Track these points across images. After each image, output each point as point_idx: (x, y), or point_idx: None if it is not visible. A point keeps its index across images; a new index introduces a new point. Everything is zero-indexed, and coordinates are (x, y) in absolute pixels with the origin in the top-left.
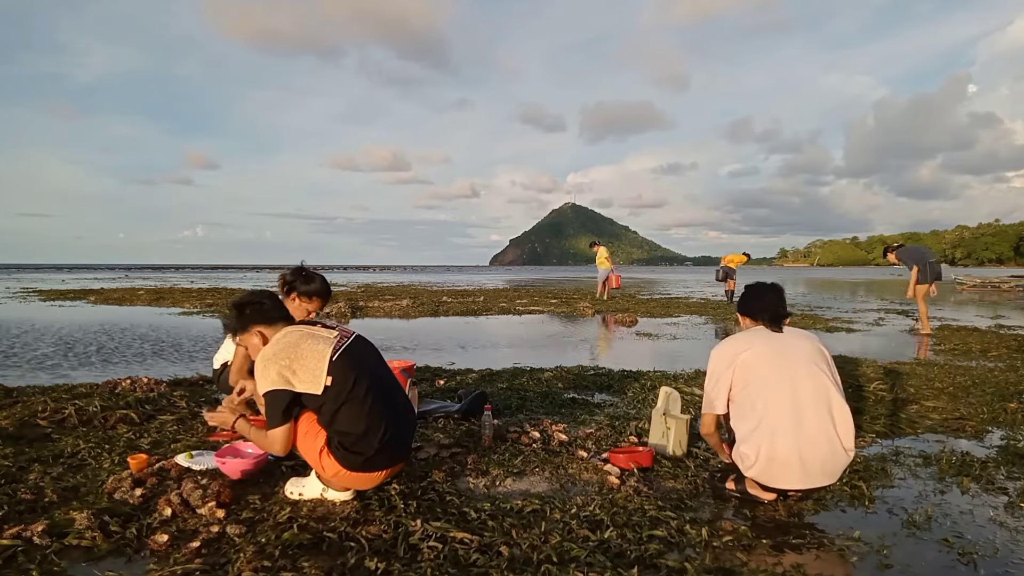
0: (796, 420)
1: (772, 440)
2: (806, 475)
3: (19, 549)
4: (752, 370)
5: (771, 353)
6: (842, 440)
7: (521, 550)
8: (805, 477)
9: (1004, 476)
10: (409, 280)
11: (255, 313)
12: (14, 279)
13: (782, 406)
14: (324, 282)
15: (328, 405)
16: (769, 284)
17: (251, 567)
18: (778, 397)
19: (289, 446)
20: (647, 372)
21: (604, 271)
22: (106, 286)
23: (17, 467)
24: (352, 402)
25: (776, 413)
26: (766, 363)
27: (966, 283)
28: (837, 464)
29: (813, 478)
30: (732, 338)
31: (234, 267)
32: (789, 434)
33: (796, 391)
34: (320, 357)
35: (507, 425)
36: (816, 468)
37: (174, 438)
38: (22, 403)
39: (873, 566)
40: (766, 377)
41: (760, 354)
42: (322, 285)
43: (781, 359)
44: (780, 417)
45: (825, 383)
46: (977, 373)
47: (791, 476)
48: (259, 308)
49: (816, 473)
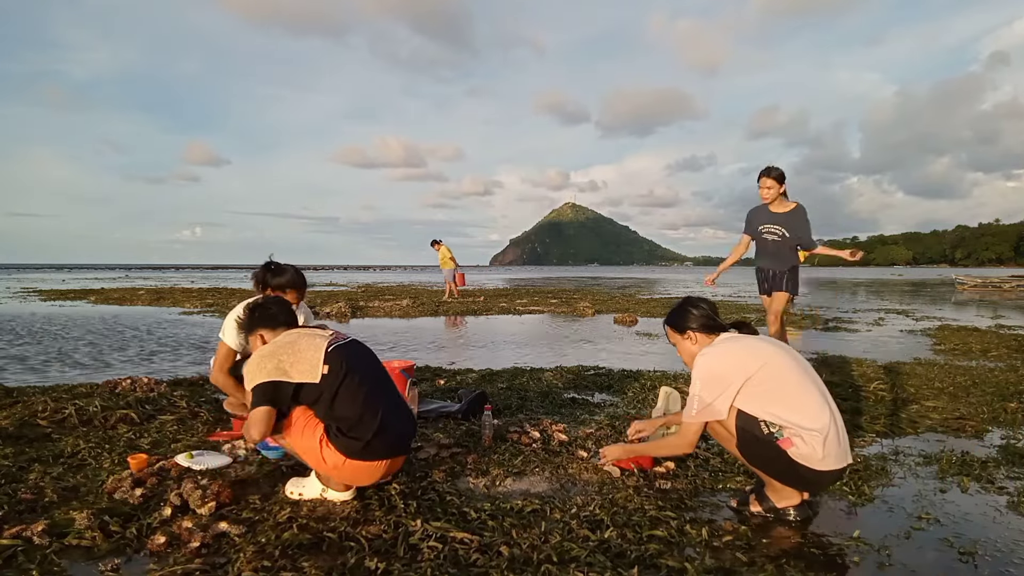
0: (827, 397)
1: (833, 417)
2: (846, 452)
3: (19, 549)
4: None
5: (780, 350)
6: None
7: (521, 550)
8: (847, 454)
9: (1004, 476)
10: (409, 280)
11: (262, 317)
12: (14, 279)
13: (814, 387)
14: (296, 273)
15: (326, 394)
16: (693, 298)
17: (251, 567)
18: (804, 380)
19: (269, 430)
20: (647, 372)
21: (449, 271)
22: (106, 286)
23: (17, 467)
24: (348, 388)
25: (816, 394)
26: (783, 359)
27: (966, 283)
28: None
29: (848, 455)
30: (735, 346)
31: (234, 267)
32: (832, 409)
33: (813, 375)
34: (316, 348)
35: (507, 425)
36: (847, 444)
37: (174, 438)
38: (22, 403)
39: (873, 566)
40: (788, 367)
41: (775, 353)
42: (293, 276)
43: (790, 353)
44: (822, 396)
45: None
46: (977, 373)
47: (844, 452)
48: (266, 312)
49: (848, 449)
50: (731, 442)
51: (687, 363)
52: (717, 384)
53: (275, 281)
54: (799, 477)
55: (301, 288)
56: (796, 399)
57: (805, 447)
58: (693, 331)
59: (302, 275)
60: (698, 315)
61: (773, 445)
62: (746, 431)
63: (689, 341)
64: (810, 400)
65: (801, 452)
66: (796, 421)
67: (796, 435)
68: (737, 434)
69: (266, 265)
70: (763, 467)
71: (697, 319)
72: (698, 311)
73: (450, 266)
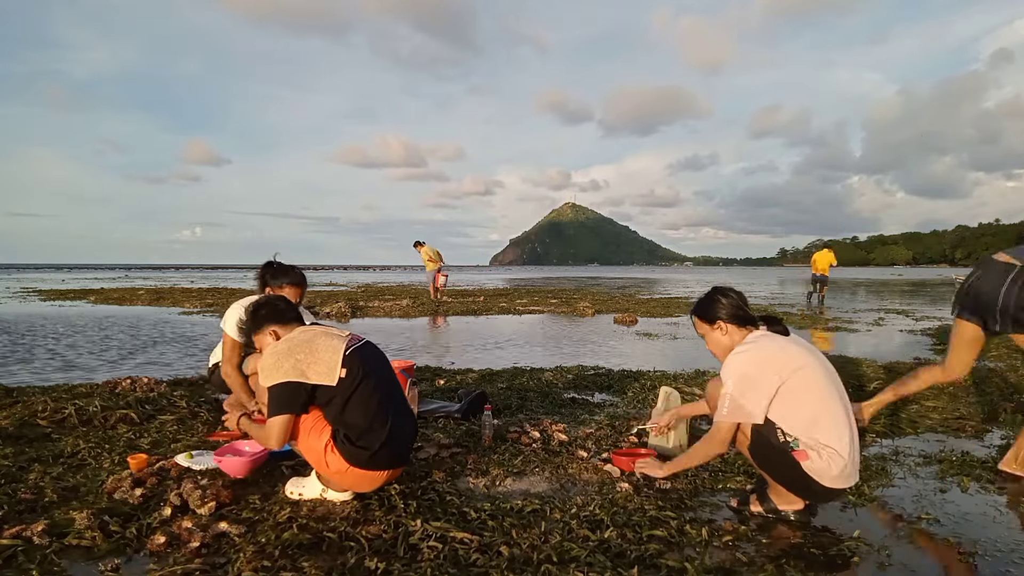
0: (850, 414)
1: (852, 437)
2: (857, 471)
3: (19, 549)
4: (812, 379)
5: (815, 357)
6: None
7: (521, 550)
8: (857, 473)
9: (1004, 476)
10: (409, 280)
11: (270, 313)
12: (14, 279)
13: (840, 404)
14: (297, 272)
15: (339, 398)
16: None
17: (251, 567)
18: (833, 395)
19: (286, 438)
20: (647, 372)
21: (430, 272)
22: (106, 286)
23: (17, 467)
24: (361, 394)
25: (842, 410)
26: (816, 369)
27: None
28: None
29: (857, 473)
30: (771, 346)
31: (234, 267)
32: (853, 427)
33: (840, 388)
34: (335, 350)
35: (507, 425)
36: (857, 463)
37: (174, 438)
38: (22, 403)
39: (873, 566)
40: (820, 379)
41: (811, 361)
42: (295, 275)
43: (823, 361)
44: (846, 414)
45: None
46: (977, 373)
47: (857, 471)
48: (274, 308)
49: (857, 468)
50: (744, 443)
51: (717, 355)
52: (749, 386)
53: (277, 280)
54: (807, 489)
55: (302, 286)
56: (822, 413)
57: (820, 463)
58: (724, 321)
59: (302, 274)
60: (727, 304)
61: (787, 454)
62: (761, 435)
63: (719, 332)
64: (836, 416)
65: (815, 467)
66: (817, 436)
67: (813, 449)
68: (752, 437)
69: (268, 264)
70: (772, 472)
71: (727, 308)
72: (727, 300)
73: (433, 267)
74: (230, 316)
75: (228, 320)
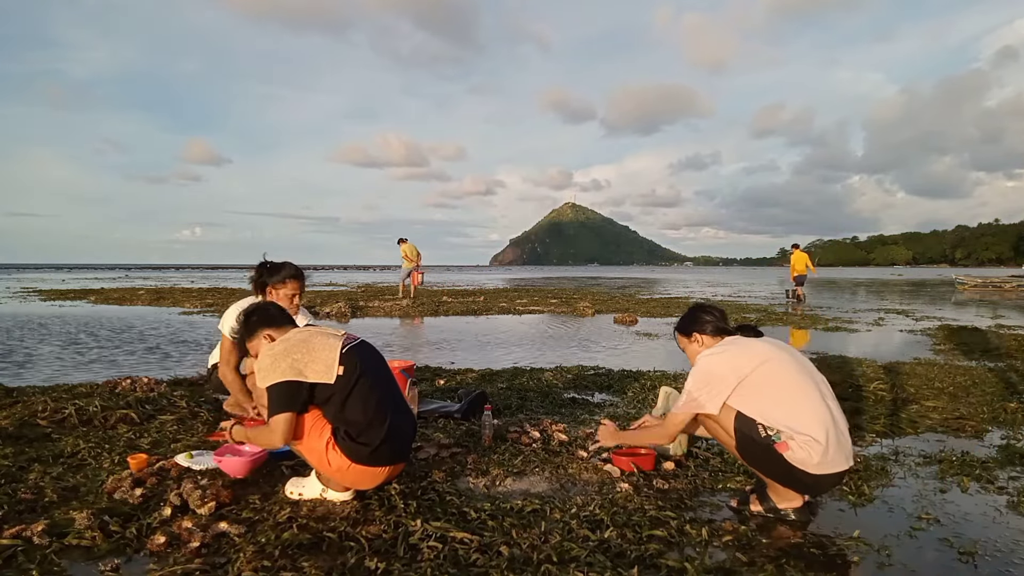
0: (828, 400)
1: (833, 421)
2: (848, 456)
3: (19, 549)
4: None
5: (784, 351)
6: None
7: (521, 550)
8: (848, 458)
9: (1004, 476)
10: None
11: (262, 318)
12: (14, 279)
13: (815, 392)
14: (292, 265)
15: (338, 395)
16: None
17: (251, 567)
18: (805, 383)
19: (291, 436)
20: (647, 372)
21: (406, 268)
22: (106, 286)
23: (17, 467)
24: (360, 391)
25: (816, 396)
26: (784, 361)
27: (967, 283)
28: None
29: (849, 458)
30: (733, 347)
31: (234, 267)
32: (833, 412)
33: (816, 376)
34: (331, 348)
35: (507, 425)
36: (849, 448)
37: (174, 438)
38: (22, 403)
39: (873, 566)
40: (789, 369)
41: (778, 355)
42: (291, 268)
43: (793, 354)
44: (822, 399)
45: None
46: (977, 373)
47: (845, 456)
48: (265, 313)
49: (850, 453)
50: (731, 444)
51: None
52: (706, 380)
53: (274, 277)
54: (797, 480)
55: (300, 279)
56: (792, 401)
57: (800, 451)
58: (699, 335)
59: (298, 268)
60: (707, 319)
61: (771, 448)
62: (744, 433)
63: (696, 344)
64: (807, 403)
65: (796, 456)
66: (790, 424)
67: (792, 439)
68: (735, 436)
69: (261, 264)
70: (762, 469)
71: (705, 324)
72: (707, 316)
73: (409, 264)
74: (228, 317)
75: (226, 321)
